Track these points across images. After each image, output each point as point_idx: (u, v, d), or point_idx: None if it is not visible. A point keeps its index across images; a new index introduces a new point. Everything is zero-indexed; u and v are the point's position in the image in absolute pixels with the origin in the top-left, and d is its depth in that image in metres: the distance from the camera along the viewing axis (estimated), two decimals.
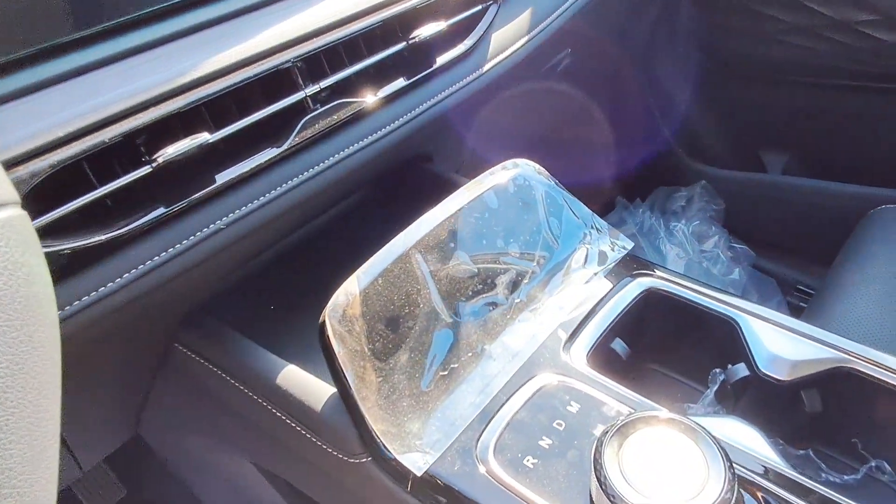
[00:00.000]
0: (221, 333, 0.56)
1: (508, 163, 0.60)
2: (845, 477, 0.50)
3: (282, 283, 0.62)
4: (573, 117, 1.31)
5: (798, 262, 1.31)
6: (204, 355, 0.56)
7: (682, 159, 1.39)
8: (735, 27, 1.20)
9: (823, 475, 0.49)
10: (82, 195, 0.43)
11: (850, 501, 0.41)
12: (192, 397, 0.62)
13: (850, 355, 0.49)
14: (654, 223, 1.26)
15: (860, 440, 0.51)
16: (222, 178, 0.50)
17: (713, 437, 0.40)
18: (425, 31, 0.63)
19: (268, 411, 0.53)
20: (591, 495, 0.40)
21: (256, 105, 0.52)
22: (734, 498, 0.38)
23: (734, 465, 0.39)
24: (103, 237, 0.44)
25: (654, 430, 0.41)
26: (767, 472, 0.43)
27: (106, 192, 0.44)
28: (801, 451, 0.52)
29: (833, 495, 0.42)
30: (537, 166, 0.61)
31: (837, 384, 0.49)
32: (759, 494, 0.41)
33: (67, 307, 0.43)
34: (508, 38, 0.73)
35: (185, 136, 0.47)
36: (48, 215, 0.41)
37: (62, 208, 0.42)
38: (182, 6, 0.53)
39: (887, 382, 0.47)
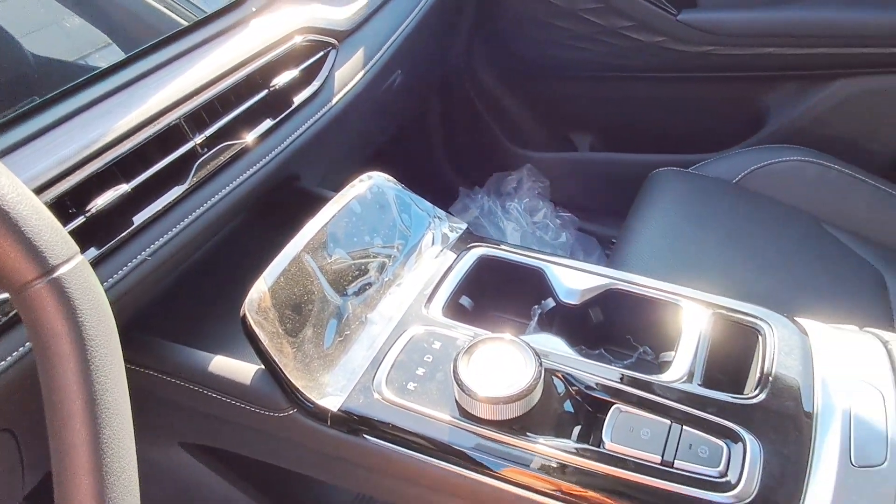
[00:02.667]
0: (150, 343, 0.69)
1: (364, 176, 0.77)
2: (625, 362, 0.73)
3: (196, 294, 0.76)
4: (409, 126, 1.50)
5: (611, 220, 1.60)
6: (140, 364, 0.69)
7: (509, 148, 1.63)
8: (533, 36, 1.45)
9: (611, 362, 0.72)
10: None
11: (626, 371, 0.63)
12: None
13: (615, 280, 0.72)
14: (492, 205, 1.49)
15: (631, 336, 0.74)
16: (140, 217, 0.63)
17: (529, 344, 0.60)
18: (282, 79, 0.78)
19: (203, 395, 0.66)
20: (454, 397, 0.59)
21: (158, 156, 0.65)
22: (541, 380, 0.58)
23: (543, 361, 0.60)
24: None
25: (491, 347, 0.60)
26: (568, 363, 0.63)
27: None
28: (596, 351, 0.74)
29: (615, 369, 0.63)
30: (386, 175, 0.79)
31: (610, 300, 0.72)
32: (561, 376, 0.62)
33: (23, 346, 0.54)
34: (348, 74, 0.90)
35: (107, 189, 0.60)
36: None
37: None
38: (81, 85, 0.65)
39: (639, 294, 0.71)
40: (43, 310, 0.35)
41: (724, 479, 0.53)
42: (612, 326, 0.73)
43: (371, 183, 0.77)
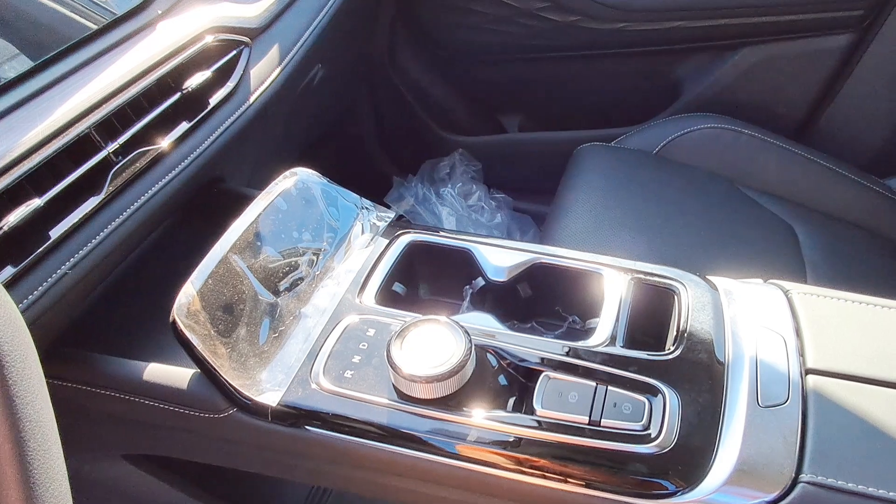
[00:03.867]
0: (81, 357, 0.68)
1: (288, 172, 0.78)
2: (555, 332, 0.76)
3: (123, 304, 0.75)
4: (338, 120, 1.50)
5: (544, 198, 1.64)
6: (69, 379, 0.68)
7: (439, 134, 1.64)
8: (452, 21, 1.47)
9: (543, 334, 0.75)
10: None
11: (553, 340, 0.66)
12: (63, 422, 0.72)
13: (539, 254, 0.75)
14: (426, 192, 1.51)
15: (560, 307, 0.77)
16: (56, 231, 0.62)
17: (458, 324, 0.62)
18: (195, 80, 0.78)
19: (140, 404, 0.66)
20: (391, 381, 0.61)
21: (71, 167, 0.64)
22: (472, 357, 0.60)
23: (472, 338, 0.62)
24: None
25: (422, 329, 0.62)
26: (498, 338, 0.66)
27: None
28: (528, 325, 0.77)
29: (542, 339, 0.66)
30: (310, 170, 0.80)
31: (536, 274, 0.75)
32: (493, 351, 0.64)
33: None
34: (264, 71, 0.89)
35: (19, 204, 0.59)
36: None
37: None
38: None
39: (563, 266, 0.74)
40: None
41: (646, 432, 0.56)
42: (540, 300, 0.76)
43: (296, 179, 0.77)
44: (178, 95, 0.76)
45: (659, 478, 0.54)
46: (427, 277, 0.78)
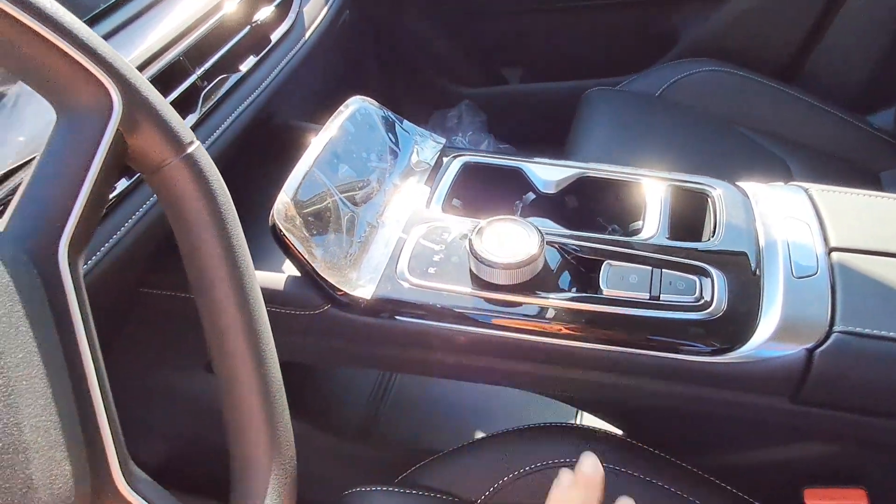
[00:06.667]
0: (174, 264, 0.74)
1: (349, 101, 0.84)
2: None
3: None
4: (351, 69, 1.55)
5: (548, 147, 1.72)
6: (165, 286, 0.74)
7: (447, 86, 1.71)
8: None
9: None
10: None
11: (608, 236, 0.74)
12: (157, 329, 0.79)
13: (585, 169, 0.83)
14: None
15: (601, 218, 0.86)
16: None
17: (529, 222, 0.70)
18: (261, 14, 0.83)
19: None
20: (471, 272, 0.69)
21: (165, 91, 0.70)
22: (543, 249, 0.68)
23: (544, 235, 0.70)
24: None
25: (496, 227, 0.70)
26: (560, 235, 0.74)
27: None
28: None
29: (599, 236, 0.74)
30: (369, 99, 0.86)
31: (582, 187, 0.83)
32: (558, 246, 0.72)
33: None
34: (314, 9, 0.95)
35: None
36: None
37: None
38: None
39: (605, 178, 0.82)
40: (180, 184, 0.41)
41: (700, 302, 0.65)
42: (584, 211, 0.85)
43: (358, 106, 0.84)
44: (248, 28, 0.81)
45: (713, 338, 0.63)
46: (480, 193, 0.86)
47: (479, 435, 0.77)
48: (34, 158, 0.42)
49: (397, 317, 0.69)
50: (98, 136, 0.38)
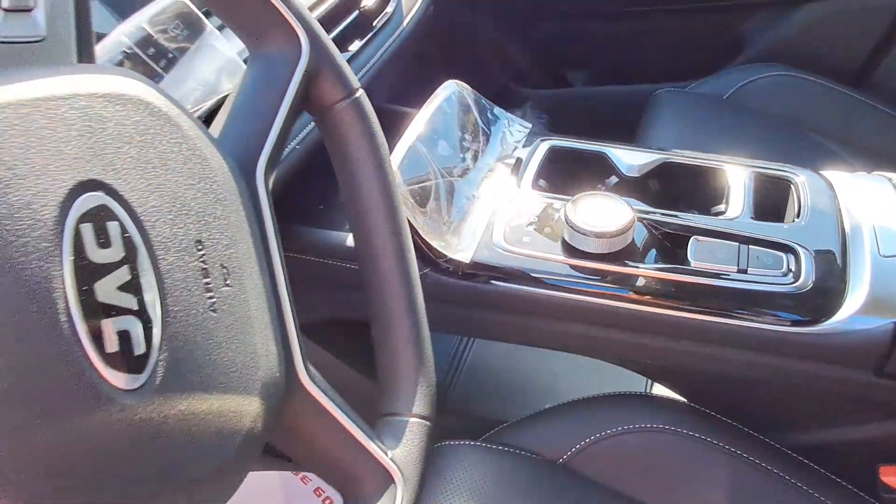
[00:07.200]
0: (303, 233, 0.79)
1: (445, 84, 0.90)
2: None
3: (308, 184, 0.86)
4: (429, 62, 1.61)
5: None
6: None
7: (511, 87, 1.76)
8: None
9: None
10: None
11: (694, 214, 0.78)
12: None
13: (668, 155, 0.87)
14: None
15: (681, 202, 0.89)
16: None
17: (620, 197, 0.74)
18: (367, 1, 0.90)
19: (334, 266, 0.78)
20: (564, 241, 0.73)
21: None
22: (634, 221, 0.72)
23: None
24: None
25: (589, 201, 0.74)
26: (647, 214, 0.78)
27: None
28: None
29: (686, 214, 0.78)
30: (462, 83, 0.92)
31: (664, 172, 0.86)
32: (646, 222, 0.76)
33: None
34: (411, 1, 1.01)
35: None
36: None
37: None
38: None
39: (688, 164, 0.86)
40: (349, 124, 0.47)
41: (788, 276, 0.68)
42: (665, 194, 0.88)
43: (454, 89, 0.89)
44: (356, 13, 0.88)
45: (801, 310, 0.66)
46: (565, 175, 0.90)
47: (550, 405, 0.81)
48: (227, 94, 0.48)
49: (493, 281, 0.74)
50: (289, 75, 0.44)
